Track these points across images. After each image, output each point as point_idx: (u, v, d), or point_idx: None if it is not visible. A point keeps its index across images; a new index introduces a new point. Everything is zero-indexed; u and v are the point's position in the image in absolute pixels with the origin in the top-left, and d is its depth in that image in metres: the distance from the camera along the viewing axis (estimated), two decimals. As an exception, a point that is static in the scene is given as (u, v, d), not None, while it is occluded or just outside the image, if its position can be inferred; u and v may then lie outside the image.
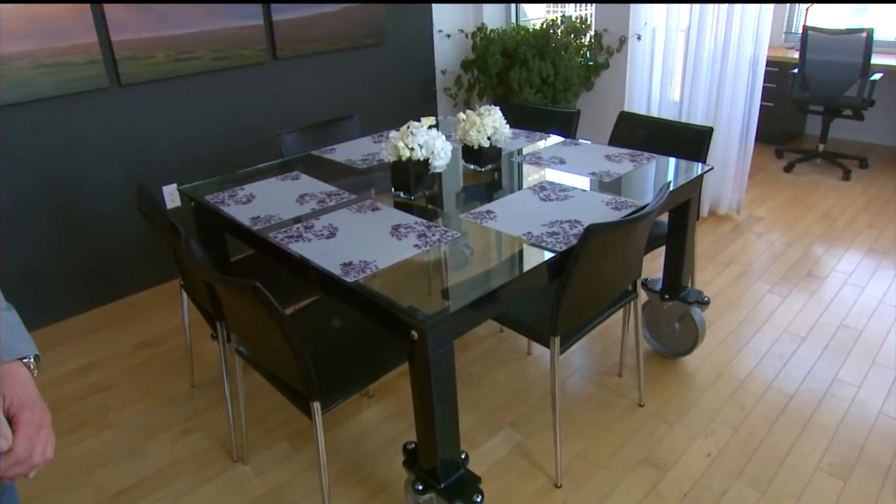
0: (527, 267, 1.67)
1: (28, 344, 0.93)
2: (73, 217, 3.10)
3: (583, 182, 2.23)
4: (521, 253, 1.74)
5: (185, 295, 2.44)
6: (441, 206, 2.11)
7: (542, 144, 2.68)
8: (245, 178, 2.43)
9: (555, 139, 2.75)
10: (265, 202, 2.16)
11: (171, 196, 3.37)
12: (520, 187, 2.23)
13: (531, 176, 2.32)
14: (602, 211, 1.98)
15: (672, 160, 2.43)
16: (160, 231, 2.06)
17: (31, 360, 0.92)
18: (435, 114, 4.42)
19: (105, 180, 3.14)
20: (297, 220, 1.99)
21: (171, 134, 3.29)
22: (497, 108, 2.35)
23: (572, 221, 1.90)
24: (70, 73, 2.92)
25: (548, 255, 1.71)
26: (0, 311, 0.92)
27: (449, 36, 4.36)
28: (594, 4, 4.08)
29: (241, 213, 2.07)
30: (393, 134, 2.08)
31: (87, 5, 2.88)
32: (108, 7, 2.93)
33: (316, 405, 1.66)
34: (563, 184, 2.21)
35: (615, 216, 1.94)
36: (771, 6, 3.41)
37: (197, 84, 3.31)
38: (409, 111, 4.26)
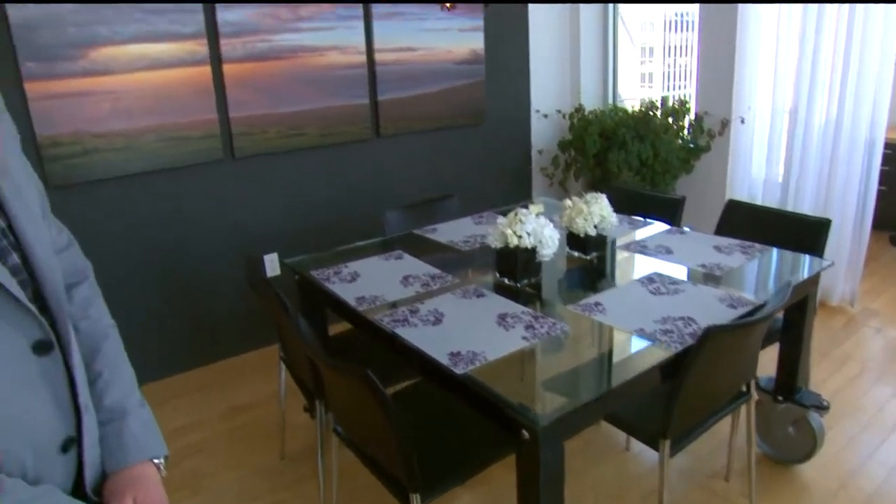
0: (641, 367, 1.60)
1: (160, 443, 0.93)
2: (179, 279, 3.24)
3: (693, 275, 2.15)
4: (633, 351, 1.68)
5: (283, 366, 2.48)
6: (547, 294, 2.07)
7: (646, 232, 2.63)
8: (349, 255, 2.48)
9: (659, 226, 2.69)
10: (370, 282, 2.19)
11: (272, 264, 3.49)
12: (627, 278, 2.17)
13: (638, 266, 2.27)
14: (716, 309, 1.89)
15: (786, 253, 2.32)
16: (265, 302, 2.12)
17: (162, 460, 0.92)
18: (530, 193, 4.44)
19: (211, 245, 3.29)
20: (402, 302, 2.00)
21: (276, 204, 3.44)
22: (603, 196, 2.32)
23: (686, 319, 1.82)
24: (189, 146, 3.12)
25: (662, 355, 1.64)
26: (136, 408, 0.93)
27: (546, 116, 4.41)
28: (695, 88, 4.04)
29: (346, 292, 2.10)
30: (500, 220, 2.08)
31: (212, 87, 3.09)
32: (229, 87, 3.13)
33: (416, 497, 1.61)
34: (673, 276, 2.13)
35: (731, 315, 1.85)
36: (889, 84, 3.27)
37: (304, 158, 3.46)
38: (506, 190, 4.29)
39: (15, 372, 0.71)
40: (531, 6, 4.16)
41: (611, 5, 4.51)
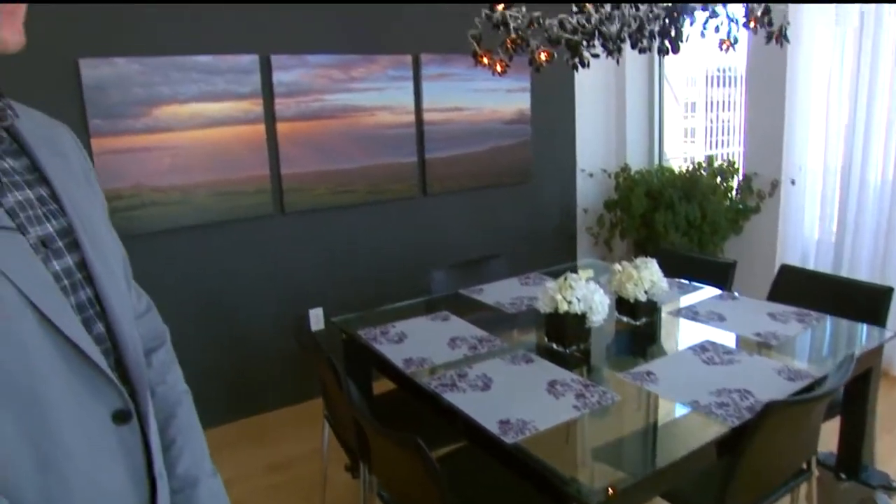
0: (697, 442, 1.55)
1: None
2: (224, 329, 3.28)
3: (747, 344, 2.09)
4: (688, 424, 1.63)
5: (326, 425, 2.47)
6: (596, 360, 2.04)
7: (696, 297, 2.57)
8: (396, 315, 2.48)
9: (710, 291, 2.64)
10: (417, 343, 2.18)
11: (316, 319, 3.51)
12: (678, 346, 2.12)
13: (689, 333, 2.22)
14: (774, 381, 1.82)
15: (845, 322, 2.24)
16: (312, 359, 2.12)
17: None
18: (575, 252, 4.41)
19: (258, 297, 3.34)
20: (450, 366, 1.99)
21: (323, 259, 3.48)
22: (653, 261, 2.29)
23: (742, 391, 1.76)
24: (242, 201, 3.20)
25: (718, 429, 1.58)
26: (208, 477, 0.94)
27: (591, 175, 4.41)
28: (742, 147, 4.01)
29: (394, 353, 2.09)
30: (549, 284, 2.07)
31: (265, 144, 3.19)
32: (281, 144, 3.22)
33: (461, 571, 1.56)
34: (726, 345, 2.08)
35: (790, 388, 1.78)
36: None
37: (351, 215, 3.52)
38: (551, 248, 4.28)
39: (95, 441, 0.72)
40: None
41: (657, 62, 4.54)
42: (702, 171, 4.04)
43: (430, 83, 3.61)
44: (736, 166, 4.07)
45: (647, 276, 2.22)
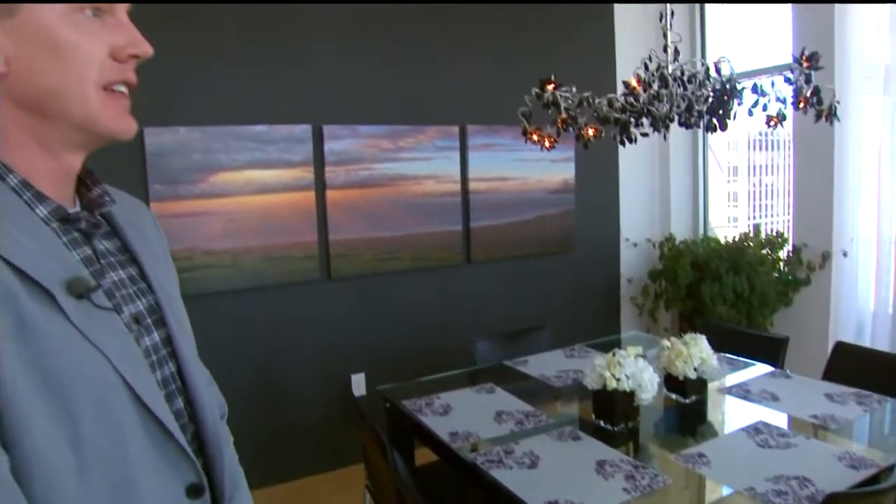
0: (755, 534, 1.49)
1: None
2: (267, 392, 3.30)
3: (803, 426, 2.02)
4: (746, 514, 1.56)
5: (367, 495, 2.44)
6: (645, 439, 1.99)
7: (747, 374, 2.51)
8: (440, 385, 2.47)
9: (761, 368, 2.57)
10: (462, 416, 2.16)
11: (358, 384, 3.51)
12: (730, 426, 2.06)
13: (741, 413, 2.15)
14: (835, 469, 1.75)
15: (910, 407, 2.15)
16: (355, 425, 2.12)
17: None
18: (619, 322, 4.36)
19: (301, 360, 3.37)
20: (496, 441, 1.96)
21: (366, 325, 3.51)
22: (703, 338, 2.26)
23: (801, 479, 1.69)
24: (290, 266, 3.27)
25: (779, 522, 1.52)
26: None
27: (636, 245, 4.40)
28: (790, 218, 3.96)
29: (439, 426, 2.08)
30: (598, 361, 2.05)
31: (315, 211, 3.27)
32: (330, 211, 3.31)
33: None
34: (781, 427, 2.01)
35: (853, 477, 1.70)
36: None
37: (396, 281, 3.56)
38: (595, 318, 4.23)
39: None
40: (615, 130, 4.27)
41: (701, 131, 4.56)
42: (749, 242, 3.99)
43: (476, 153, 3.69)
44: (784, 237, 4.00)
45: (696, 353, 2.18)
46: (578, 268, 4.18)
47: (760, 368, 2.57)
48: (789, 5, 3.66)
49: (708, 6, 4.44)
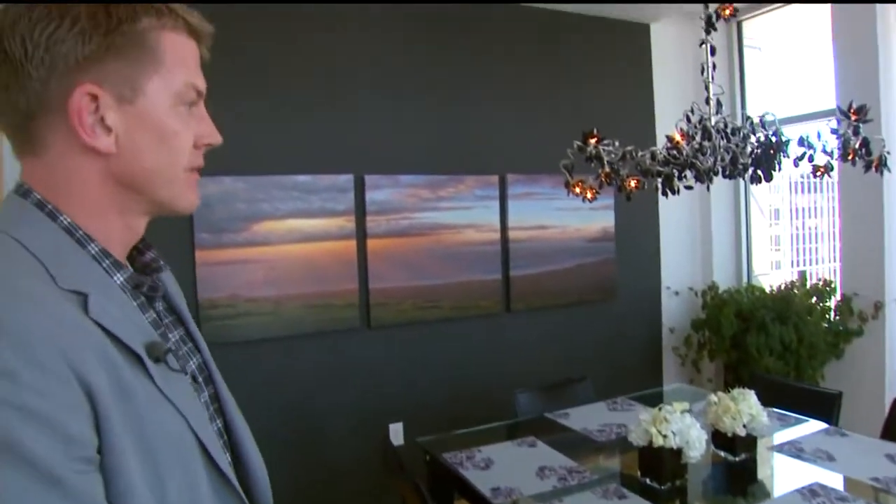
0: None
1: None
2: (305, 439, 3.29)
3: (863, 489, 1.93)
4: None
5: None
6: (694, 499, 1.92)
7: (799, 431, 2.42)
8: (481, 438, 2.44)
9: (814, 425, 2.47)
10: (504, 471, 2.12)
11: (396, 433, 3.48)
12: (783, 487, 1.98)
13: (795, 473, 2.07)
14: (899, 537, 1.66)
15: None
16: (394, 477, 2.09)
17: None
18: (661, 372, 4.27)
19: (338, 409, 3.36)
20: (539, 498, 1.92)
21: (405, 374, 3.50)
22: (752, 393, 2.19)
23: (863, 547, 1.61)
24: (330, 314, 3.29)
25: None
26: None
27: (677, 293, 4.32)
28: (839, 265, 3.85)
29: (481, 481, 2.04)
30: (643, 416, 2.00)
31: (355, 259, 3.31)
32: (371, 260, 3.34)
33: None
34: (839, 490, 1.92)
35: (918, 546, 1.61)
36: None
37: (435, 330, 3.55)
38: (637, 368, 4.15)
39: None
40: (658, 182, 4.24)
41: (742, 187, 4.50)
42: (795, 290, 3.89)
43: (516, 202, 3.71)
44: (833, 285, 3.89)
45: (745, 409, 2.12)
46: (619, 317, 4.12)
47: (813, 425, 2.47)
48: (831, 53, 3.64)
49: (747, 54, 4.44)
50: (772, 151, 1.83)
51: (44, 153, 0.69)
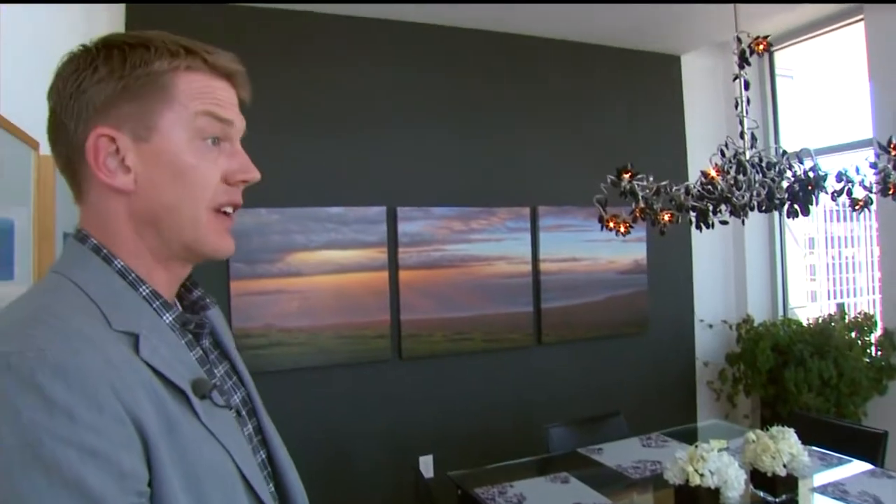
0: None
1: None
2: (334, 470, 3.29)
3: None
4: None
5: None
6: (733, 542, 1.87)
7: (843, 472, 2.34)
8: (512, 473, 2.41)
9: (857, 465, 2.40)
10: (536, 508, 2.10)
11: (426, 466, 3.46)
12: (828, 531, 1.92)
13: (840, 516, 2.00)
14: (951, 586, 1.60)
15: None
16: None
17: None
18: (695, 407, 4.18)
19: (369, 440, 3.36)
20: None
21: (436, 406, 3.49)
22: (792, 432, 2.13)
23: None
24: (362, 345, 3.31)
25: None
26: None
27: (711, 326, 4.25)
28: (879, 298, 3.76)
29: (512, 519, 2.02)
30: (679, 454, 1.96)
31: (387, 290, 3.33)
32: (402, 291, 3.36)
33: None
34: (886, 534, 1.86)
35: None
36: None
37: (466, 362, 3.54)
38: (670, 402, 4.07)
39: None
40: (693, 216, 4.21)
41: (777, 216, 4.43)
42: (833, 324, 3.79)
43: (547, 234, 3.71)
44: (873, 319, 3.80)
45: (785, 448, 2.06)
46: (652, 350, 4.06)
47: (857, 466, 2.39)
48: (867, 81, 3.59)
49: (779, 83, 4.41)
50: (810, 187, 1.81)
51: (87, 198, 0.73)
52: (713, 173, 1.90)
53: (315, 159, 3.29)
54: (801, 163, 1.89)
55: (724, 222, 1.96)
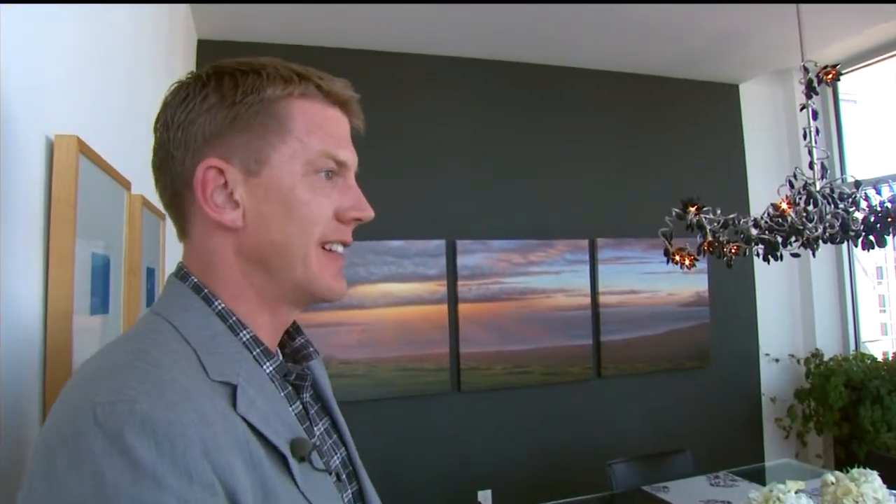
0: None
1: None
2: (385, 503, 3.28)
3: None
4: None
5: None
6: (813, 590, 1.78)
7: (930, 517, 2.22)
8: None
9: (946, 510, 2.26)
10: (604, 547, 2.05)
11: (485, 500, 3.42)
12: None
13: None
14: None
15: None
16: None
17: None
18: (762, 445, 4.03)
19: (427, 473, 3.34)
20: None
21: (494, 440, 3.46)
22: (875, 474, 2.03)
23: None
24: (422, 378, 3.32)
25: None
26: None
27: (777, 360, 4.11)
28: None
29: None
30: (754, 495, 1.90)
31: (447, 323, 3.35)
32: (462, 324, 3.37)
33: None
34: (982, 587, 1.75)
35: None
36: None
37: (525, 396, 3.51)
38: (736, 439, 3.92)
39: None
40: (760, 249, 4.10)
41: (844, 249, 4.27)
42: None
43: (606, 266, 3.68)
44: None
45: (868, 493, 1.97)
46: (715, 385, 3.94)
47: (945, 511, 2.26)
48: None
49: (843, 108, 4.29)
50: (889, 219, 1.76)
51: (191, 234, 0.69)
52: (784, 206, 1.87)
53: (376, 193, 3.33)
54: (879, 193, 1.84)
55: (795, 255, 1.92)
